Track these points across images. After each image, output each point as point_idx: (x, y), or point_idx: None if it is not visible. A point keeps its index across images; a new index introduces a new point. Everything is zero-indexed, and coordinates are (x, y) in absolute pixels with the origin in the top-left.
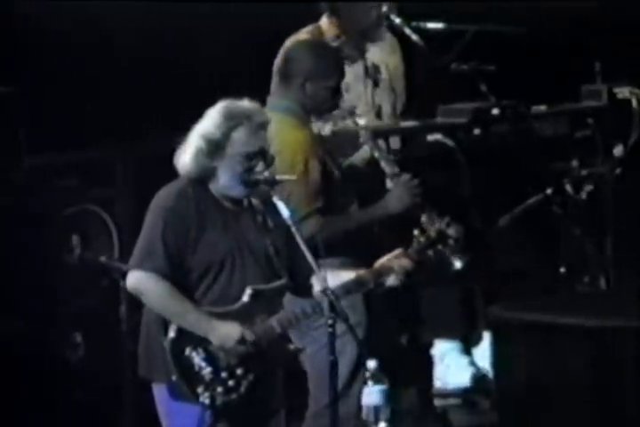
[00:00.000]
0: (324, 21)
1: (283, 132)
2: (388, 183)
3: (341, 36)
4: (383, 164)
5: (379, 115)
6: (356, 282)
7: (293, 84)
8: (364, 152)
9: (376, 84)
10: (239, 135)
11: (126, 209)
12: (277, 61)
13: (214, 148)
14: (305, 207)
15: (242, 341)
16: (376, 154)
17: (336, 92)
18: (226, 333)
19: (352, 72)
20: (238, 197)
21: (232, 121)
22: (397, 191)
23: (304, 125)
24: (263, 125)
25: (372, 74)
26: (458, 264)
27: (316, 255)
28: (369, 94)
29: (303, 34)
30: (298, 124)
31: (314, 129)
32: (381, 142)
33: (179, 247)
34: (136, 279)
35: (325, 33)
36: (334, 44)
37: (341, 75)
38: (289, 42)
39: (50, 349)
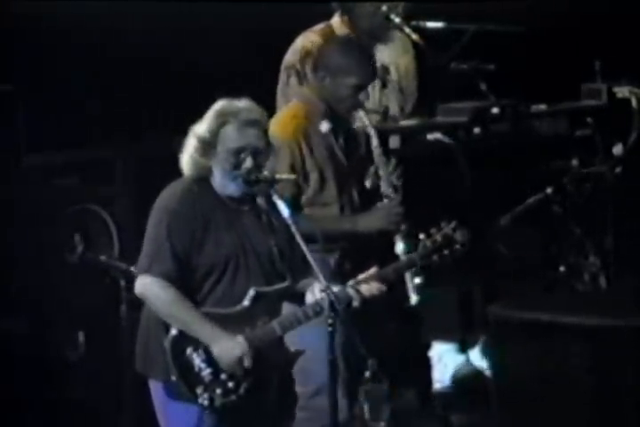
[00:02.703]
0: (336, 20)
1: (276, 118)
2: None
3: (352, 35)
4: (382, 181)
5: (385, 116)
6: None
7: (316, 77)
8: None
9: (384, 84)
10: (226, 132)
11: (127, 208)
12: (286, 58)
13: (206, 146)
14: None
15: (239, 363)
16: (381, 171)
17: (357, 92)
18: (228, 348)
19: None
20: (234, 195)
21: (220, 119)
22: (376, 212)
23: (306, 117)
24: (252, 123)
25: (381, 74)
26: (414, 299)
27: (311, 241)
28: (376, 95)
29: (315, 32)
30: (299, 115)
31: (323, 127)
32: (392, 161)
33: (185, 249)
34: (143, 285)
35: (336, 31)
36: None
37: (367, 74)
38: (300, 39)
39: (50, 348)
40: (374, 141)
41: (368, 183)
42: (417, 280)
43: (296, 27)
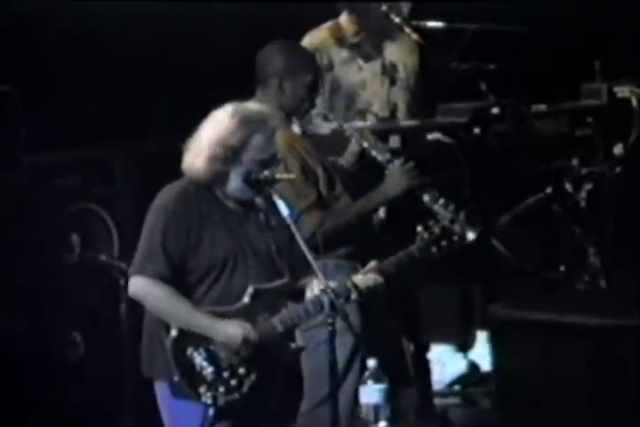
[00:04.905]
0: (344, 18)
1: None
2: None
3: (360, 33)
4: (374, 152)
5: (393, 113)
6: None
7: (270, 86)
8: (352, 147)
9: (393, 82)
10: (256, 142)
11: (126, 208)
12: None
13: (231, 154)
14: (297, 205)
15: (245, 342)
16: (365, 144)
17: (313, 91)
18: (230, 334)
19: (370, 69)
20: (247, 198)
21: (249, 127)
22: (394, 176)
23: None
24: (276, 130)
25: (389, 72)
26: (471, 235)
27: (315, 253)
28: (385, 92)
29: (322, 30)
30: None
31: (295, 129)
32: (368, 132)
33: (179, 250)
34: (137, 286)
35: (344, 30)
36: (353, 40)
37: (316, 71)
38: (307, 37)
39: (50, 348)
40: (346, 125)
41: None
42: (462, 215)
43: (297, 26)
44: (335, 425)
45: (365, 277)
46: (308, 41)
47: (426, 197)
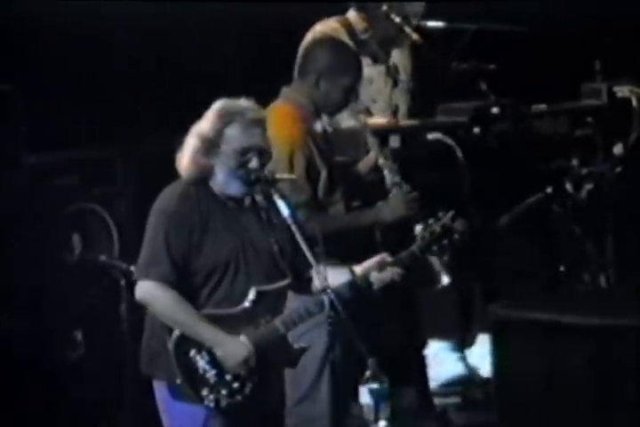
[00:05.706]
0: (352, 14)
1: (278, 123)
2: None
3: (369, 31)
4: (386, 172)
5: (395, 115)
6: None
7: (308, 79)
8: (368, 159)
9: (395, 83)
10: (232, 132)
11: (126, 208)
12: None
13: (209, 145)
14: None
15: (245, 364)
16: (380, 161)
17: (349, 93)
18: (232, 350)
19: (375, 67)
20: (236, 195)
21: (225, 118)
22: (394, 201)
23: (304, 120)
24: (257, 122)
25: (393, 73)
26: (445, 280)
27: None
28: (388, 93)
29: (332, 22)
30: (297, 118)
31: (317, 127)
32: (387, 150)
33: (182, 251)
34: (143, 290)
35: (354, 25)
36: (363, 37)
37: (358, 76)
38: (319, 26)
39: (50, 347)
40: (369, 137)
41: (369, 177)
42: (445, 258)
43: (295, 26)
44: (335, 422)
45: (380, 275)
46: (320, 29)
47: (418, 228)
